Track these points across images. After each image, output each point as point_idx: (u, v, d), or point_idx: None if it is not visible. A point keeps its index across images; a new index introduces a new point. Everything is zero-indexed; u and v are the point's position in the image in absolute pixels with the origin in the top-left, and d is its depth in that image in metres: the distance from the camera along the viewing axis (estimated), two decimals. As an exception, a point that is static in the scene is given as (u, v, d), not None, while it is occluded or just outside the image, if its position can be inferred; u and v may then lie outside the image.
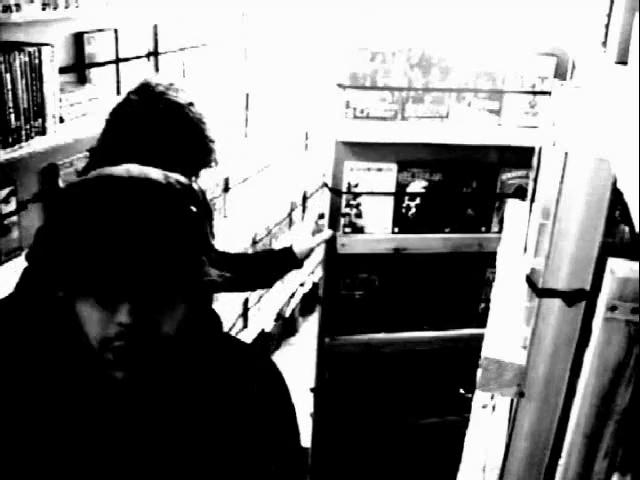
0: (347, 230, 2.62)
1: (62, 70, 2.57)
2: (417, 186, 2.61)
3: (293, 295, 4.77)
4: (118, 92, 2.87)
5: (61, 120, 2.50)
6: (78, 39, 2.77)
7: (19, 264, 2.19)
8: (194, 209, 1.02)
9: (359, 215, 2.61)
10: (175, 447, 1.07)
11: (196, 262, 1.02)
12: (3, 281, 1.93)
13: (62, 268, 0.98)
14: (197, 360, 1.11)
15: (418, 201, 2.63)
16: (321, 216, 2.48)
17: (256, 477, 1.13)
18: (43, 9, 2.29)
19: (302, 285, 4.85)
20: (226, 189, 3.81)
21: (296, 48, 4.23)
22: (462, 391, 2.73)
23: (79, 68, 2.78)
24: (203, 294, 1.14)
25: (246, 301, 3.97)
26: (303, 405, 2.51)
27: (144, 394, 1.07)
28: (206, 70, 3.44)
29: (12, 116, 2.28)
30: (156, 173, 1.02)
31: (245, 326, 4.04)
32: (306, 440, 2.89)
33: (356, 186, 2.57)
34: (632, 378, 0.87)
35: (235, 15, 3.65)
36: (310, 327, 4.66)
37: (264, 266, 2.43)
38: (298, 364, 3.62)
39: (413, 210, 2.64)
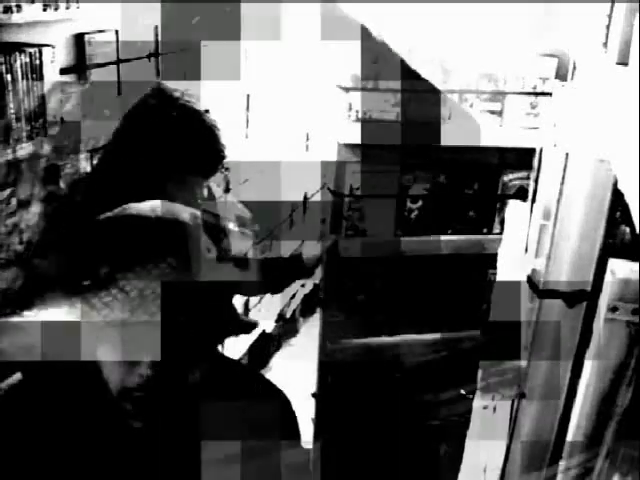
0: (349, 233, 2.61)
1: (63, 71, 2.57)
2: (419, 188, 2.61)
3: (294, 296, 4.76)
4: (119, 93, 2.87)
5: (62, 121, 2.50)
6: (79, 40, 2.76)
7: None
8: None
9: (361, 218, 2.60)
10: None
11: (227, 312, 0.97)
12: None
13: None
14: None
15: (420, 203, 2.63)
16: (322, 221, 2.49)
17: None
18: (44, 10, 2.29)
19: (303, 286, 4.85)
20: (227, 190, 3.81)
21: (297, 49, 4.22)
22: (463, 392, 2.73)
23: (80, 69, 2.77)
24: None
25: (247, 302, 3.96)
26: (304, 407, 2.51)
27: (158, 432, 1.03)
28: (207, 71, 3.43)
29: (13, 117, 2.28)
30: (185, 213, 0.95)
31: (246, 327, 4.04)
32: (307, 444, 2.88)
33: (358, 189, 2.56)
34: (633, 379, 0.86)
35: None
36: (311, 328, 4.65)
37: (273, 273, 2.43)
38: (299, 365, 3.61)
39: (415, 212, 2.64)
